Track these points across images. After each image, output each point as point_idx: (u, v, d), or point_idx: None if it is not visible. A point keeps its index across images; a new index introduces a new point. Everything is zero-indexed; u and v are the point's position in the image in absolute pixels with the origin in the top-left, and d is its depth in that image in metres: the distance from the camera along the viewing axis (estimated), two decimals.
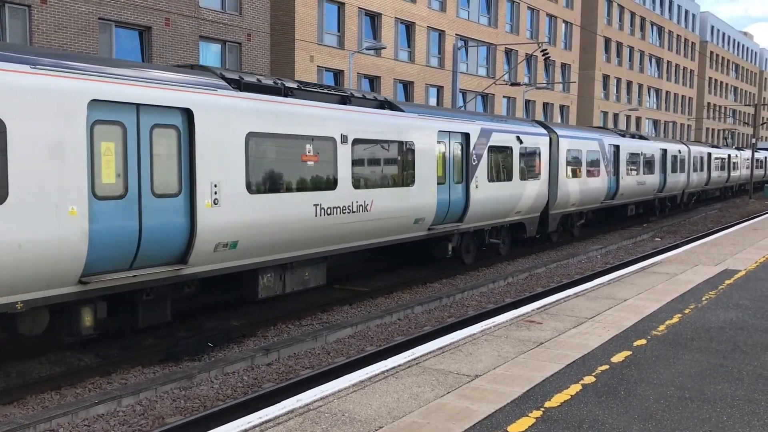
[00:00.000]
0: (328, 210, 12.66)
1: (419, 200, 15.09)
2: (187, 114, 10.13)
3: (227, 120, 10.63)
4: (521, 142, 19.28)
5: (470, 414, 5.87)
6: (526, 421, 5.70)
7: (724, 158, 47.38)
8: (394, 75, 38.32)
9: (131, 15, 24.19)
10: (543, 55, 30.14)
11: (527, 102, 51.34)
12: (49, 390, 9.04)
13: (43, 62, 8.44)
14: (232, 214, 10.64)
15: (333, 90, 13.57)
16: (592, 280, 15.31)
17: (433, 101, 41.89)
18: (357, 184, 13.41)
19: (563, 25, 55.87)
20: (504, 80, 42.91)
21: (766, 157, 64.35)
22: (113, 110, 9.13)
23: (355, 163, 13.35)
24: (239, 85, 11.21)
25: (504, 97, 48.46)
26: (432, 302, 14.30)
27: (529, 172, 19.90)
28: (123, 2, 23.80)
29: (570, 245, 23.92)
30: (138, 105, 9.40)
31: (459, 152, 16.74)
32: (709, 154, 42.58)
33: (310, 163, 12.27)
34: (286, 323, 12.60)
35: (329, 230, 12.77)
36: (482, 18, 46.04)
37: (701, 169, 40.42)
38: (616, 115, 65.19)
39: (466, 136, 16.91)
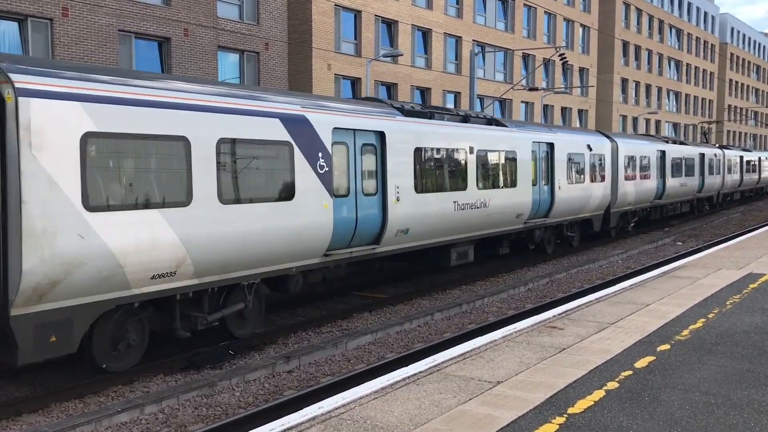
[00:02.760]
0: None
1: None
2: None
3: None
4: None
5: (493, 421, 5.83)
6: (550, 428, 5.65)
7: (693, 158, 33.71)
8: (412, 82, 38.36)
9: (150, 26, 24.45)
10: (561, 60, 30.03)
11: (545, 107, 51.14)
12: (72, 398, 9.11)
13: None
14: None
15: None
16: (613, 285, 15.19)
17: (450, 107, 41.87)
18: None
19: (580, 29, 55.63)
20: (522, 85, 42.82)
21: (760, 158, 51.14)
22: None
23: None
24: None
25: (522, 102, 48.31)
26: (452, 309, 14.25)
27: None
28: (142, 14, 24.07)
29: (590, 250, 23.73)
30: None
31: None
32: (663, 154, 29.59)
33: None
34: (307, 330, 12.62)
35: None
36: (499, 23, 45.98)
37: (647, 176, 27.60)
38: (635, 119, 64.73)
39: None
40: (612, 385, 6.74)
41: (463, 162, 16.12)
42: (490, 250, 19.18)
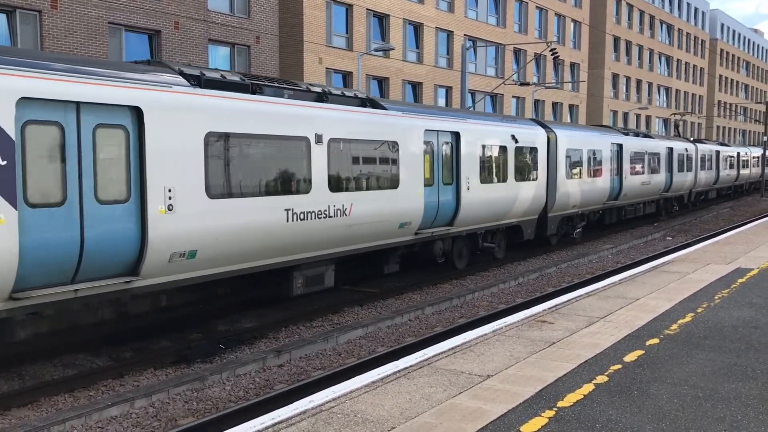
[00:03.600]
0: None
1: None
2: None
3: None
4: None
5: (483, 414, 5.85)
6: (539, 421, 5.68)
7: (658, 153, 29.77)
8: (403, 76, 38.32)
9: (141, 19, 24.30)
10: (552, 55, 30.06)
11: (536, 102, 51.22)
12: (62, 392, 9.09)
13: None
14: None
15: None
16: (603, 279, 15.25)
17: (442, 102, 41.88)
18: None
19: (572, 24, 55.70)
20: (513, 80, 42.85)
21: (738, 154, 47.36)
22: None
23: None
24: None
25: (513, 97, 48.36)
26: (443, 303, 14.28)
27: None
28: (132, 7, 23.92)
29: (581, 245, 23.83)
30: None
31: None
32: (620, 147, 25.96)
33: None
34: (297, 325, 12.62)
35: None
36: (490, 18, 45.97)
37: (598, 173, 23.77)
38: (626, 114, 64.93)
39: None
40: (601, 378, 6.78)
41: (304, 154, 11.91)
42: (372, 268, 15.59)
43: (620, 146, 25.89)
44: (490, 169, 17.27)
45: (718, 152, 41.37)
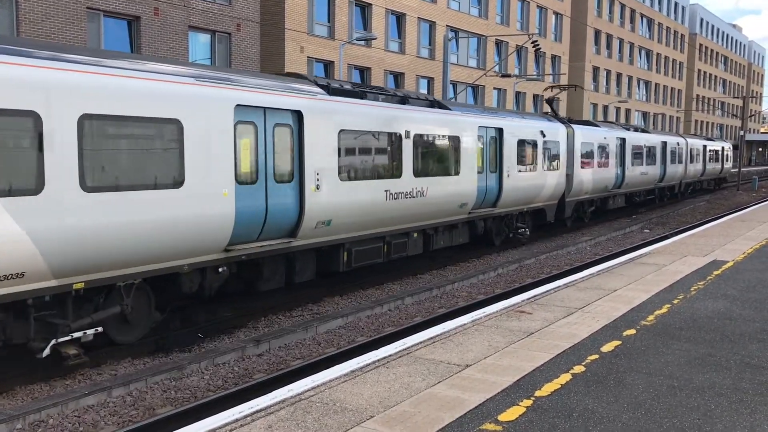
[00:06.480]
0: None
1: None
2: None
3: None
4: None
5: (461, 403, 5.89)
6: (517, 410, 5.73)
7: (442, 137, 15.87)
8: (385, 66, 38.22)
9: (120, 4, 23.98)
10: (533, 47, 30.12)
11: (518, 93, 51.36)
12: (38, 381, 9.00)
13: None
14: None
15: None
16: (581, 270, 15.38)
17: (423, 92, 41.84)
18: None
19: (553, 16, 55.87)
20: (494, 72, 42.90)
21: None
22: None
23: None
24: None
25: (494, 88, 48.45)
26: (422, 293, 14.33)
27: None
28: None
29: (560, 237, 24.00)
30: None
31: None
32: (296, 117, 11.64)
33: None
34: (277, 314, 12.60)
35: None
36: (473, 9, 45.96)
37: (186, 183, 9.75)
38: (605, 107, 65.37)
39: None
40: (578, 368, 6.85)
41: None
42: None
43: (296, 116, 12.11)
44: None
45: (623, 141, 27.61)
